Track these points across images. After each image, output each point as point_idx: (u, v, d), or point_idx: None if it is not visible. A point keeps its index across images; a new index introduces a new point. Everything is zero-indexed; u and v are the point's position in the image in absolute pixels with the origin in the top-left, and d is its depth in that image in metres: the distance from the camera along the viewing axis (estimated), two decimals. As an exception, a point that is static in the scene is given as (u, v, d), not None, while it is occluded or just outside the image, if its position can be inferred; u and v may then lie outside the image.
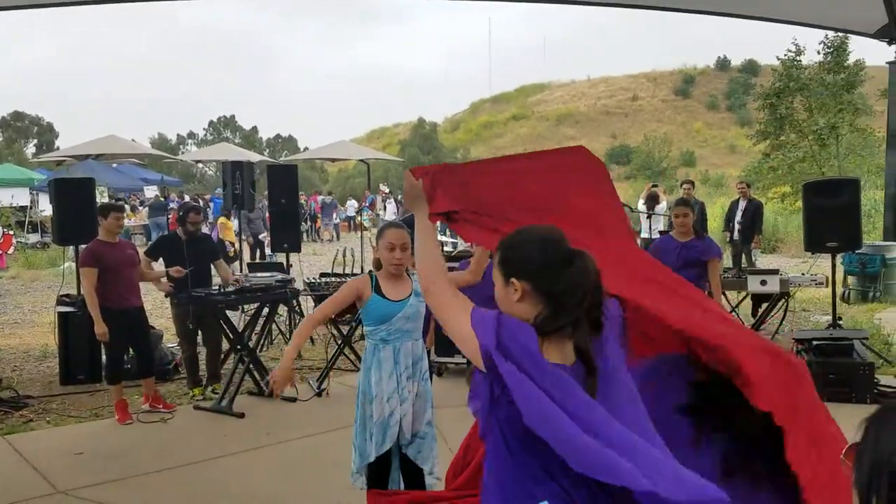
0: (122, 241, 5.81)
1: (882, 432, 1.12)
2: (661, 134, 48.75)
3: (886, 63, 9.65)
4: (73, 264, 7.76)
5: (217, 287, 6.16)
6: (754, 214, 10.75)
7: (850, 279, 9.91)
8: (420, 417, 3.33)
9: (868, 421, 1.17)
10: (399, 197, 30.68)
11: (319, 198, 27.76)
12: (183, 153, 47.22)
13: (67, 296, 6.99)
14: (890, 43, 9.40)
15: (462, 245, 10.93)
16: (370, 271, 3.43)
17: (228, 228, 13.82)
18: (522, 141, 50.63)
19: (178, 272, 5.83)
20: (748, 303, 8.12)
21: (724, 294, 7.83)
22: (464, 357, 5.92)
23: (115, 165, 25.42)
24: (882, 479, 1.08)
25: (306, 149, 44.82)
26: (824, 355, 5.59)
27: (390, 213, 25.70)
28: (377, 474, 3.32)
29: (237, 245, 12.17)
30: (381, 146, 52.01)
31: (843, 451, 1.23)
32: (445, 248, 8.38)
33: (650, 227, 10.37)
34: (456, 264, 6.03)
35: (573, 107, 61.62)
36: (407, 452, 3.33)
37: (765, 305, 7.00)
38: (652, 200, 11.26)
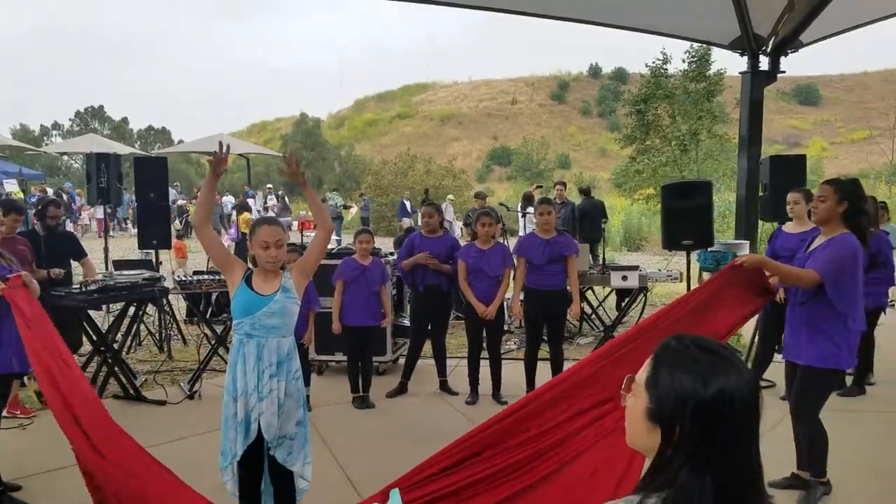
0: (16, 237, 5.32)
1: (676, 368, 1.25)
2: (538, 137, 50.43)
3: (739, 73, 10.46)
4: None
5: (78, 285, 5.82)
6: (572, 216, 11.25)
7: (705, 275, 10.67)
8: (290, 418, 3.26)
9: (655, 360, 1.29)
10: (280, 192, 30.03)
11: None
12: (47, 144, 43.88)
13: None
14: (742, 54, 10.20)
15: (345, 243, 10.79)
16: (247, 266, 3.36)
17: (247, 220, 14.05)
18: (407, 139, 50.79)
19: (56, 275, 5.54)
20: (613, 297, 8.62)
21: (591, 289, 8.31)
22: (344, 355, 5.98)
23: (-35, 156, 23.28)
24: (687, 411, 1.21)
25: (181, 141, 42.85)
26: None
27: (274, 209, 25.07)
28: (246, 475, 3.27)
29: None
30: (261, 141, 50.62)
31: (623, 386, 1.34)
32: (328, 245, 8.29)
33: (524, 226, 10.76)
34: (338, 261, 6.03)
35: (456, 108, 62.57)
36: (275, 455, 3.24)
37: (626, 299, 7.43)
38: (527, 201, 11.70)
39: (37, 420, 5.36)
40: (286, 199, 27.72)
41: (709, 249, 6.92)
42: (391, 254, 7.36)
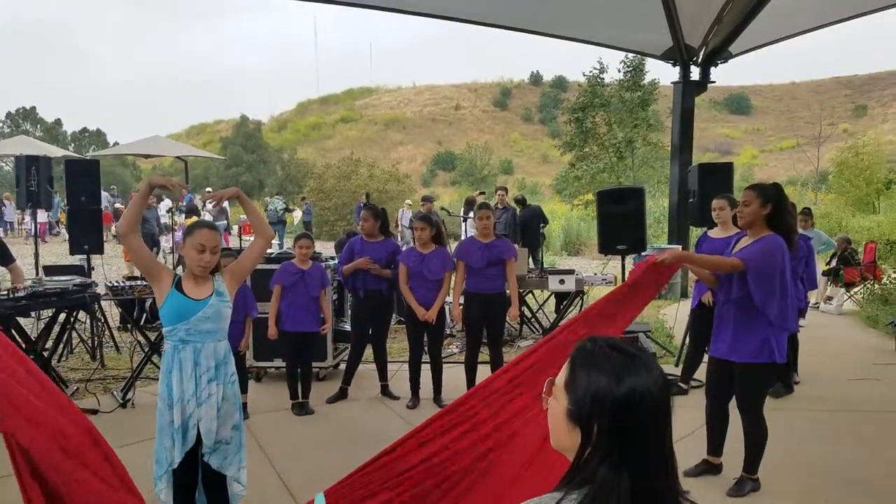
0: None
1: (592, 369, 1.31)
2: (482, 143, 50.91)
3: (671, 83, 10.82)
4: None
5: (5, 291, 5.62)
6: (513, 220, 11.43)
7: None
8: (226, 422, 3.23)
9: (574, 362, 1.34)
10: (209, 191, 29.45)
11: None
12: (-28, 146, 41.93)
13: None
14: (674, 64, 10.56)
15: (287, 247, 10.67)
16: (175, 273, 3.31)
17: None
18: (351, 143, 50.57)
19: None
20: (553, 300, 8.80)
21: (531, 293, 8.46)
22: (283, 361, 5.90)
23: None
24: (605, 409, 1.27)
25: (116, 144, 41.67)
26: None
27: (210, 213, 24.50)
28: (182, 483, 3.23)
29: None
30: (200, 143, 49.60)
31: (544, 388, 1.40)
32: (268, 250, 8.21)
33: (466, 230, 10.86)
34: (276, 266, 5.98)
35: (400, 112, 62.58)
36: (210, 462, 3.21)
37: (565, 302, 7.59)
38: (469, 206, 11.82)
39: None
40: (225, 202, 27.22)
41: (643, 254, 7.15)
42: (332, 258, 7.34)
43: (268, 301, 5.86)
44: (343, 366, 6.44)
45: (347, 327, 6.91)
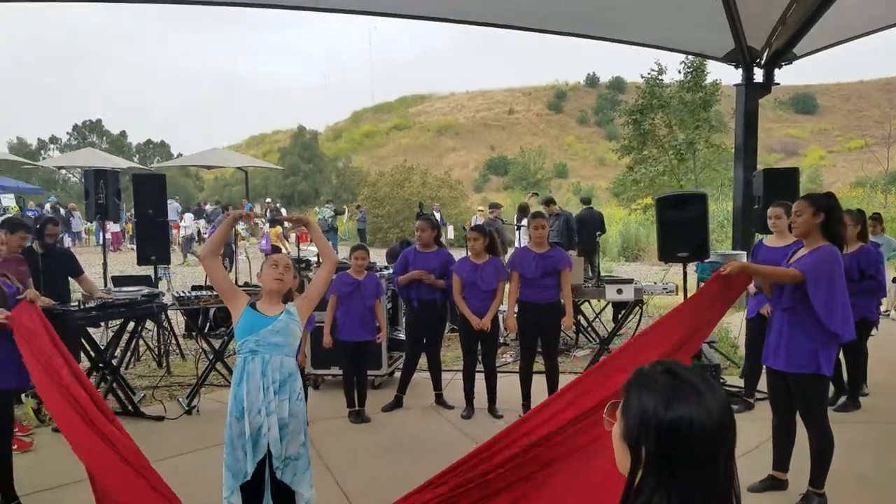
0: (16, 257, 5.31)
1: (643, 392, 1.31)
2: (535, 147, 50.60)
3: (734, 85, 10.56)
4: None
5: (76, 303, 5.86)
6: (565, 227, 11.26)
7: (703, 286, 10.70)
8: (294, 439, 3.29)
9: (628, 384, 1.36)
10: (278, 204, 30.12)
11: (207, 207, 26.69)
12: (44, 159, 43.99)
13: None
14: (736, 66, 10.30)
15: (341, 256, 10.79)
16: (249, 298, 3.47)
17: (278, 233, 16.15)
18: (404, 150, 50.94)
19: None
20: (610, 308, 8.67)
21: (588, 301, 8.35)
22: (340, 369, 6.01)
23: (-37, 171, 23.35)
24: (650, 432, 1.27)
25: (180, 155, 43.02)
26: (674, 357, 6.03)
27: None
28: (251, 496, 3.27)
29: (286, 248, 12.48)
30: (260, 153, 50.75)
31: (605, 409, 1.43)
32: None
33: (520, 238, 10.78)
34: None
35: (453, 118, 62.77)
36: (282, 478, 3.26)
37: (623, 312, 7.46)
38: (521, 213, 11.70)
39: (36, 437, 5.38)
40: (282, 211, 27.73)
41: (706, 261, 6.97)
42: (386, 268, 7.41)
43: (324, 311, 5.95)
44: (398, 374, 6.49)
45: (402, 336, 6.96)
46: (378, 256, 8.56)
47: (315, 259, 7.52)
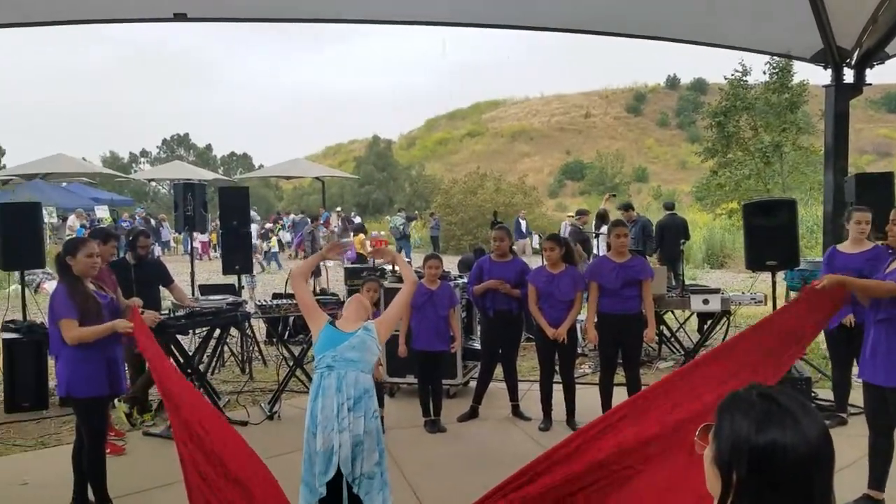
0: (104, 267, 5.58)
1: (736, 416, 1.27)
2: (613, 150, 49.70)
3: (823, 86, 10.08)
4: (20, 288, 7.59)
5: (167, 311, 6.11)
6: (642, 234, 10.93)
7: (793, 295, 10.22)
8: (369, 457, 3.29)
9: (721, 407, 1.32)
10: (353, 213, 30.68)
11: (290, 217, 27.50)
12: (135, 171, 46.35)
13: (13, 321, 6.83)
14: (825, 67, 9.83)
15: (414, 265, 10.87)
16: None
17: (361, 241, 17.16)
18: (477, 157, 51.03)
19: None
20: (695, 318, 8.39)
21: (671, 311, 8.10)
22: (415, 377, 6.07)
23: (64, 185, 24.84)
24: (742, 457, 1.24)
25: (261, 166, 44.49)
26: (763, 370, 5.78)
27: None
28: None
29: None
30: (336, 163, 51.83)
31: (696, 433, 1.39)
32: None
33: (598, 246, 10.57)
34: (399, 285, 6.12)
35: (527, 123, 62.36)
36: (358, 493, 3.27)
37: (709, 323, 7.21)
38: (600, 220, 11.44)
39: (127, 441, 5.63)
40: (354, 220, 28.16)
41: (795, 269, 6.69)
42: (460, 276, 7.41)
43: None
44: (473, 384, 6.47)
45: (477, 346, 6.94)
46: (451, 264, 8.57)
47: (389, 268, 7.60)
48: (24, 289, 7.45)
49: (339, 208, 29.34)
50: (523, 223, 21.25)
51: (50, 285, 10.35)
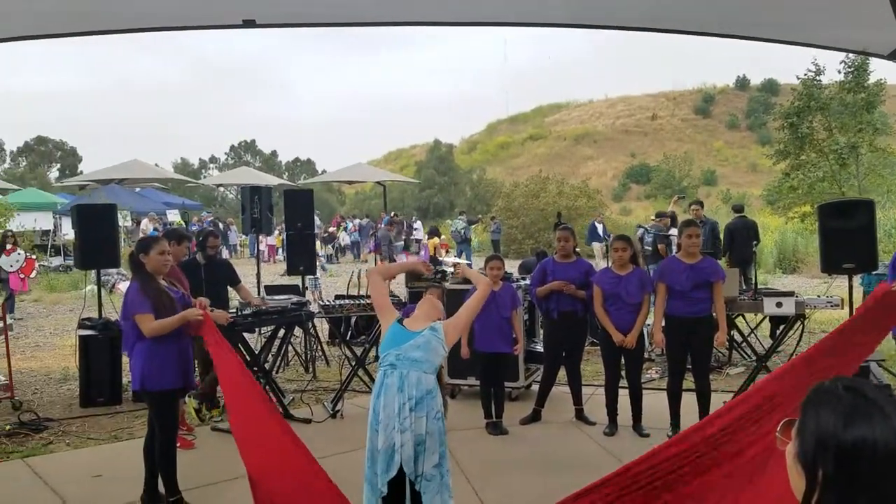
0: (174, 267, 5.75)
1: (821, 411, 1.21)
2: (681, 153, 48.57)
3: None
4: (95, 288, 7.91)
5: (234, 310, 6.25)
6: (711, 235, 10.55)
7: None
8: (430, 458, 3.26)
9: (806, 402, 1.26)
10: (413, 218, 30.87)
11: (356, 221, 27.95)
12: (204, 177, 47.90)
13: (89, 319, 7.11)
14: (904, 64, 9.36)
15: (475, 267, 10.85)
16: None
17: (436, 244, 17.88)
18: (539, 160, 50.60)
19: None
20: (767, 324, 8.08)
21: (742, 315, 7.82)
22: (476, 379, 6.04)
23: (137, 190, 25.80)
24: (828, 453, 1.17)
25: (324, 171, 45.31)
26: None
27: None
28: None
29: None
30: (397, 168, 52.27)
31: (778, 428, 1.33)
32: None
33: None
34: (469, 286, 6.08)
35: (591, 126, 61.52)
36: (419, 490, 3.27)
37: (782, 327, 6.93)
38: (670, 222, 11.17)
39: (198, 436, 5.77)
40: (414, 225, 28.30)
41: (873, 273, 6.38)
42: (523, 278, 7.33)
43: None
44: (535, 387, 6.38)
45: (539, 348, 6.85)
46: (511, 268, 8.49)
47: (451, 270, 7.59)
48: (99, 288, 7.75)
49: (393, 212, 29.59)
50: (599, 227, 20.74)
51: (123, 285, 10.76)
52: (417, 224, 28.37)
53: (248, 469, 3.42)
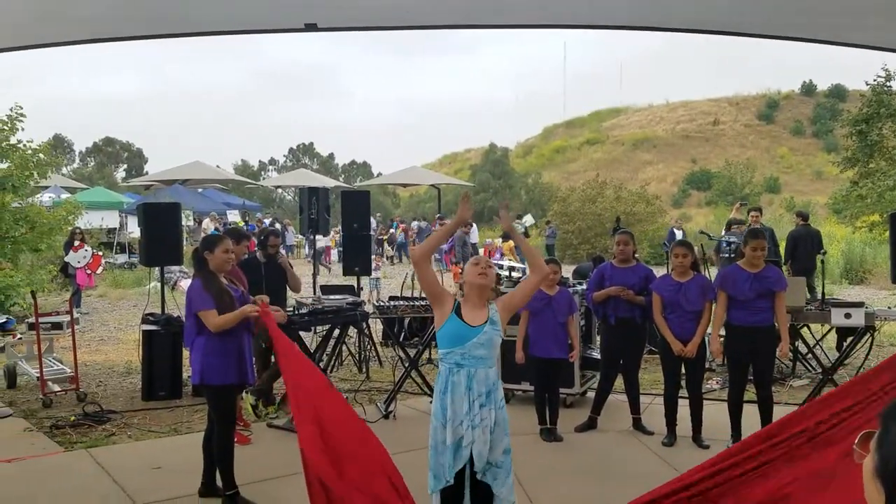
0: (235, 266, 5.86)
1: None
2: (743, 159, 47.34)
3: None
4: (159, 284, 8.14)
5: (291, 308, 6.34)
6: (771, 242, 10.15)
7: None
8: (497, 446, 3.37)
9: (886, 414, 1.21)
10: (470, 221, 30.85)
11: (415, 223, 28.15)
12: (264, 179, 48.93)
13: (152, 314, 7.32)
14: None
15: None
16: (455, 298, 3.55)
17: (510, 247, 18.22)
18: (596, 165, 50.04)
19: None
20: (833, 335, 7.76)
21: (807, 326, 7.54)
22: (530, 384, 5.95)
23: (199, 190, 26.55)
24: None
25: (380, 174, 45.70)
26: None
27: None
28: (452, 499, 3.38)
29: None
30: (452, 171, 52.34)
31: (857, 441, 1.27)
32: (514, 273, 8.35)
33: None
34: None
35: (650, 131, 60.47)
36: (484, 479, 3.34)
37: (850, 339, 6.64)
38: (728, 229, 10.87)
39: (254, 432, 5.86)
40: (473, 227, 28.27)
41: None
42: (578, 283, 7.22)
43: (514, 324, 5.88)
44: (591, 394, 6.27)
45: (595, 355, 6.73)
46: (566, 273, 8.39)
47: (506, 273, 7.53)
48: (163, 284, 7.98)
49: (439, 215, 29.65)
50: (679, 233, 20.01)
51: (185, 283, 11.05)
52: (473, 227, 28.33)
53: (306, 470, 3.44)
